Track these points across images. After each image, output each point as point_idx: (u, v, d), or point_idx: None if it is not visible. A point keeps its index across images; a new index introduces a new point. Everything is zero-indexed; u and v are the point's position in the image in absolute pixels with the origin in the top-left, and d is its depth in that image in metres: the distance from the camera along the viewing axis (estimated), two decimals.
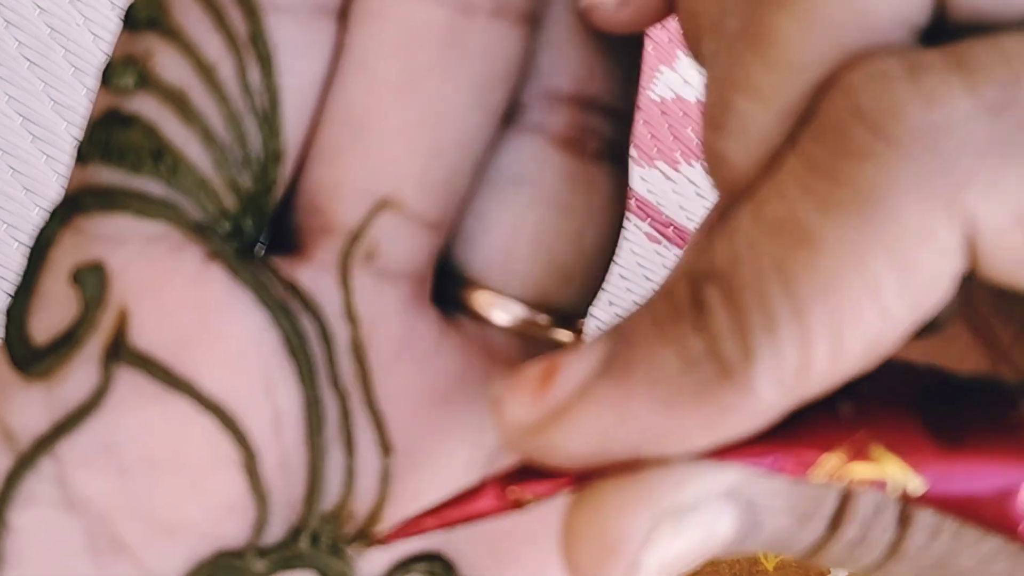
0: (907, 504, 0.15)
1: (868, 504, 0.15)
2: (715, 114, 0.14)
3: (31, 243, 0.17)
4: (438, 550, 0.18)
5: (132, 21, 0.16)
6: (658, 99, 0.62)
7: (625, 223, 0.19)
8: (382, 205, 0.17)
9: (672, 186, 0.63)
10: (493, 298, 0.18)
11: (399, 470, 0.17)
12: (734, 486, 0.14)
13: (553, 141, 0.17)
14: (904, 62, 0.13)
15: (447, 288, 0.18)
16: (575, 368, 0.14)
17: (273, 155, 0.16)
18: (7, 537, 0.16)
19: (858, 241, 0.12)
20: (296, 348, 0.16)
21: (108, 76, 0.16)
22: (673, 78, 0.63)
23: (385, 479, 0.17)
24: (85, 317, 0.16)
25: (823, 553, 0.15)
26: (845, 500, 0.15)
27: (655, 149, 0.62)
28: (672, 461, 0.14)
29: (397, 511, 0.17)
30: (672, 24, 0.64)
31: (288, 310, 0.16)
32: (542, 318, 0.18)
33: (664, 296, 0.14)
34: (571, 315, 0.19)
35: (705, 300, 0.13)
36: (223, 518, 0.17)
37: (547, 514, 0.18)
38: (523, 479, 0.16)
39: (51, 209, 0.17)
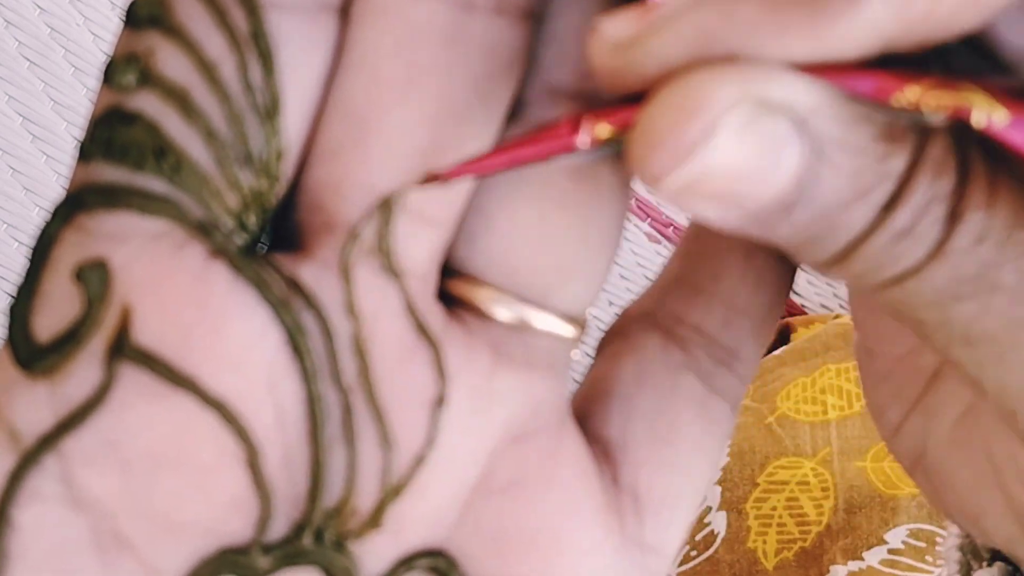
0: (984, 144, 0.14)
1: (923, 193, 0.15)
2: None
3: (33, 242, 0.17)
4: (441, 547, 0.18)
5: (134, 19, 0.16)
6: None
7: (625, 223, 0.19)
8: (384, 202, 0.17)
9: None
10: (495, 294, 0.18)
11: (402, 466, 0.17)
12: (812, 114, 0.14)
13: None
14: None
15: (452, 284, 0.18)
16: None
17: (275, 153, 0.17)
18: (12, 534, 0.16)
19: None
20: (298, 345, 0.16)
21: (110, 74, 0.16)
22: None
23: (388, 475, 0.17)
24: (88, 315, 0.16)
25: (866, 246, 0.15)
26: (903, 184, 0.15)
27: None
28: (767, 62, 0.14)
29: (400, 508, 0.17)
30: None
31: (290, 307, 0.16)
32: (544, 315, 0.18)
33: None
34: (574, 311, 0.19)
35: None
36: (227, 515, 0.17)
37: (558, 515, 0.18)
38: (599, 111, 0.15)
39: (53, 207, 0.17)
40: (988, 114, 0.14)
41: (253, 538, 0.17)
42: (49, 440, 0.16)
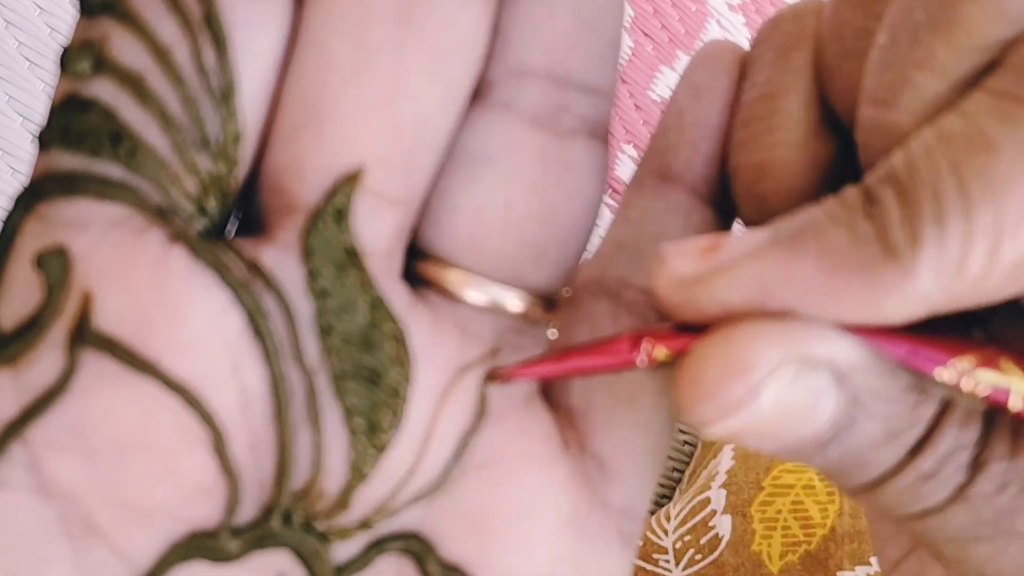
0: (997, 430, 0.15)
1: (950, 440, 0.16)
2: (887, 91, 0.16)
3: None
4: (414, 530, 0.18)
5: (87, 6, 0.16)
6: (658, 99, 0.62)
7: (603, 207, 0.19)
8: (342, 183, 0.17)
9: None
10: (465, 277, 0.18)
11: (368, 448, 0.17)
12: (852, 370, 0.15)
13: (523, 118, 0.17)
14: None
15: (419, 266, 0.18)
16: (744, 238, 0.16)
17: (232, 136, 0.17)
18: None
19: None
20: (260, 327, 0.16)
21: (65, 62, 0.17)
22: (673, 78, 0.63)
23: (354, 458, 0.17)
24: (49, 302, 0.16)
25: (893, 483, 0.16)
26: (932, 430, 0.16)
27: None
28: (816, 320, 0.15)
29: (367, 490, 0.17)
30: (672, 24, 0.63)
31: (250, 289, 0.16)
32: (515, 296, 0.18)
33: (834, 198, 0.15)
34: (546, 293, 0.19)
35: (878, 196, 0.15)
36: (195, 499, 0.17)
37: (530, 490, 0.18)
38: (658, 334, 0.17)
39: (15, 196, 0.17)
40: None
41: (222, 522, 0.17)
42: (15, 428, 0.16)
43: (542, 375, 0.17)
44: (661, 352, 0.16)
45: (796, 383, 0.15)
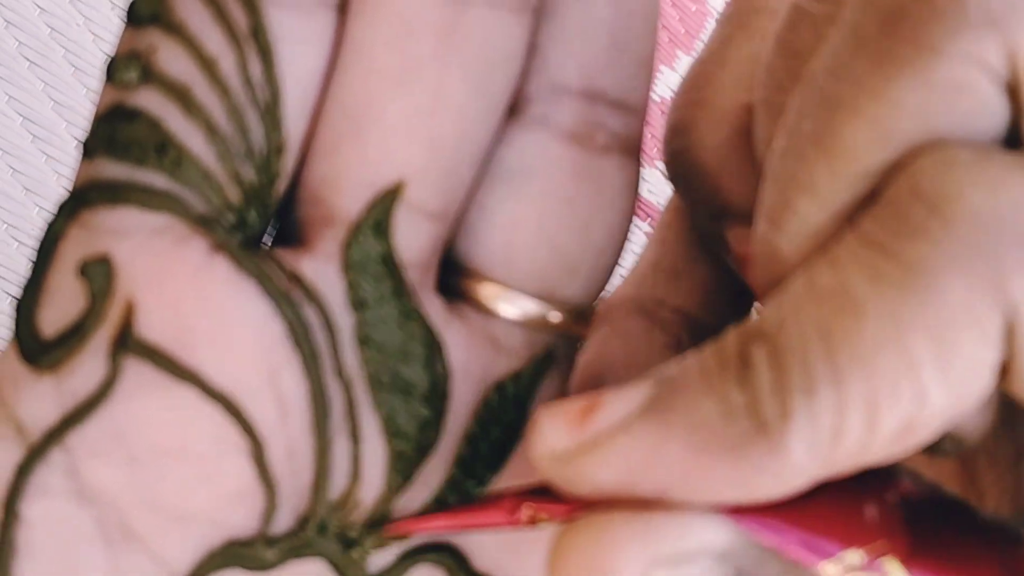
0: None
1: None
2: (774, 212, 0.15)
3: (40, 238, 0.17)
4: (449, 541, 0.18)
5: (135, 17, 0.17)
6: (658, 99, 0.63)
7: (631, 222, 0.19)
8: (383, 195, 0.17)
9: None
10: (499, 290, 0.18)
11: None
12: (732, 549, 0.15)
13: (559, 134, 0.18)
14: (972, 151, 0.13)
15: (453, 279, 0.18)
16: (617, 405, 0.15)
17: (275, 147, 0.17)
18: (20, 528, 0.16)
19: (901, 314, 0.13)
20: (300, 337, 0.17)
21: (112, 71, 0.17)
22: (673, 78, 0.63)
23: (391, 469, 0.17)
24: (92, 309, 0.16)
25: None
26: None
27: (655, 149, 0.62)
28: (689, 507, 0.14)
29: (404, 500, 0.18)
30: (672, 24, 0.63)
31: (291, 300, 0.17)
32: (548, 310, 0.18)
33: (714, 348, 0.15)
34: (579, 307, 0.19)
35: (751, 357, 0.14)
36: (232, 507, 0.17)
37: None
38: (539, 498, 0.16)
39: (59, 204, 0.17)
40: None
41: (259, 530, 0.17)
42: (55, 434, 0.16)
43: (435, 529, 0.17)
44: (543, 517, 0.16)
45: None
